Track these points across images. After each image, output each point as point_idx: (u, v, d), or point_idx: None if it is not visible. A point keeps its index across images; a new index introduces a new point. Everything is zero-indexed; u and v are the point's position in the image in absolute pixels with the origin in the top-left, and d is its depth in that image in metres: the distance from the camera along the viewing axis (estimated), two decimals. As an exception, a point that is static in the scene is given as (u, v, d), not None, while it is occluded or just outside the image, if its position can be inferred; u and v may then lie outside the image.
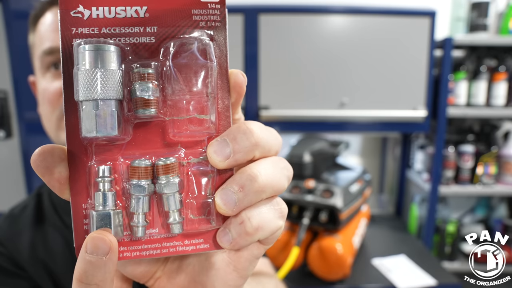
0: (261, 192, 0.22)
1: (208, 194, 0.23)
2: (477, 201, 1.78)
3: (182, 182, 0.22)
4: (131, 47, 0.22)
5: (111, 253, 0.20)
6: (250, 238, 0.22)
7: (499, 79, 1.47)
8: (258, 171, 0.22)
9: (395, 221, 1.71)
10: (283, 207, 0.24)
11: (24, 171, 1.21)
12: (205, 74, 0.22)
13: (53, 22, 0.58)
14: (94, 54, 0.20)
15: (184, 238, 0.23)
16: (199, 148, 0.23)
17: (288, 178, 0.24)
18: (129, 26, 0.22)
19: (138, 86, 0.21)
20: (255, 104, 1.39)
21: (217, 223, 0.23)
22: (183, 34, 0.22)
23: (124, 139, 0.22)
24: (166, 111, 0.22)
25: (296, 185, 1.16)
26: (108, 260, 0.20)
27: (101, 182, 0.21)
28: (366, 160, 1.86)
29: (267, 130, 0.24)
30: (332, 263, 1.05)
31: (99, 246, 0.20)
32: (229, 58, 0.24)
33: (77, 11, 0.21)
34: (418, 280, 1.12)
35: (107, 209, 0.21)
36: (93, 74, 0.20)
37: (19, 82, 1.16)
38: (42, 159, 0.20)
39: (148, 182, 0.22)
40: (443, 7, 1.60)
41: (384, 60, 1.39)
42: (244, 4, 1.34)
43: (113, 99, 0.21)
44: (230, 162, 0.22)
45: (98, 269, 0.20)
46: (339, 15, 1.36)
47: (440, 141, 1.45)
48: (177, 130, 0.22)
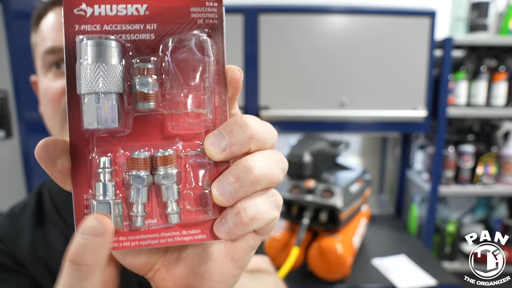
0: (256, 183, 0.23)
1: (205, 185, 0.23)
2: (477, 201, 1.78)
3: (180, 173, 0.23)
4: (132, 43, 0.22)
5: (106, 235, 0.20)
6: (246, 228, 0.23)
7: (499, 79, 1.47)
8: (254, 163, 0.23)
9: (395, 221, 1.71)
10: (278, 198, 0.25)
11: (24, 171, 1.21)
12: (202, 69, 0.23)
13: (55, 22, 0.59)
14: (96, 49, 0.21)
15: (182, 229, 0.23)
16: (196, 141, 0.24)
17: (283, 170, 0.25)
18: (129, 23, 0.22)
19: (138, 80, 0.22)
20: (255, 104, 1.39)
21: (214, 214, 0.23)
22: (181, 31, 0.23)
23: (124, 132, 0.23)
24: (165, 104, 0.23)
25: (296, 185, 1.16)
26: (102, 242, 0.20)
27: (101, 173, 0.22)
28: (366, 160, 1.86)
29: (262, 124, 0.24)
30: (332, 263, 1.05)
31: (95, 227, 0.20)
32: (229, 58, 0.24)
33: (80, 8, 0.22)
34: (418, 280, 1.12)
35: (107, 199, 0.22)
36: (95, 68, 0.21)
37: (19, 82, 1.16)
38: (45, 150, 0.21)
39: (147, 173, 0.22)
40: (443, 7, 1.60)
41: (384, 60, 1.39)
42: (244, 4, 1.34)
43: (114, 93, 0.21)
44: (226, 154, 0.22)
45: (92, 250, 0.20)
46: (339, 15, 1.36)
47: (440, 141, 1.45)
48: (175, 123, 0.23)
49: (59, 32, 0.58)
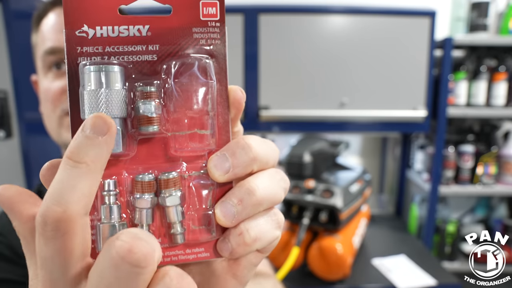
0: (259, 205, 0.23)
1: (209, 206, 0.24)
2: (477, 201, 1.78)
3: (183, 195, 0.23)
4: (134, 64, 0.23)
5: (109, 135, 0.20)
6: (248, 248, 0.23)
7: (499, 79, 1.47)
8: (256, 185, 0.23)
9: (395, 221, 1.71)
10: (280, 218, 0.25)
11: (24, 171, 1.21)
12: (205, 93, 0.23)
13: (56, 23, 0.59)
14: (99, 74, 0.21)
15: (185, 247, 0.24)
16: (200, 162, 0.24)
17: (284, 190, 0.25)
18: (132, 44, 0.22)
19: (141, 104, 0.22)
20: (255, 104, 1.39)
21: (217, 233, 0.24)
22: (183, 52, 0.23)
23: (129, 155, 0.23)
24: (169, 126, 0.23)
25: (296, 185, 1.16)
26: (104, 141, 0.20)
27: (106, 196, 0.22)
28: (366, 160, 1.86)
29: (264, 143, 0.24)
30: (332, 263, 1.05)
31: (98, 125, 0.19)
32: (229, 58, 0.24)
33: (82, 30, 0.22)
34: (418, 280, 1.12)
35: (112, 221, 0.22)
36: (98, 94, 0.21)
37: (19, 82, 1.16)
38: (50, 173, 0.21)
39: (151, 195, 0.22)
40: (443, 7, 1.60)
41: (384, 60, 1.39)
42: (244, 4, 1.34)
43: (117, 118, 0.22)
44: (229, 176, 0.23)
45: (92, 147, 0.19)
46: (339, 15, 1.36)
47: (440, 141, 1.45)
48: (178, 145, 0.23)
49: (59, 33, 0.58)
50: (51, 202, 0.18)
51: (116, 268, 0.17)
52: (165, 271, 0.19)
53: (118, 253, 0.17)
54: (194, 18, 0.23)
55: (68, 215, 0.18)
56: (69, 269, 0.19)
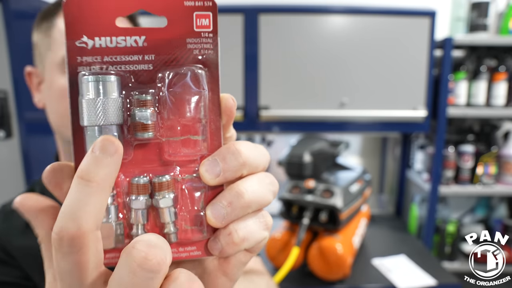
0: (247, 207, 0.24)
1: (201, 208, 0.25)
2: (477, 201, 1.78)
3: (176, 197, 0.25)
4: (131, 73, 0.24)
5: (117, 154, 0.21)
6: (237, 248, 0.24)
7: (499, 79, 1.47)
8: (245, 189, 0.24)
9: (395, 221, 1.71)
10: (268, 219, 0.26)
11: (24, 171, 1.21)
12: (197, 101, 0.25)
13: None
14: (97, 84, 0.22)
15: (178, 246, 0.25)
16: (192, 166, 0.25)
17: (273, 193, 0.27)
18: (129, 54, 0.24)
19: (137, 112, 0.24)
20: (255, 104, 1.39)
21: (208, 233, 0.25)
22: (178, 62, 0.25)
23: (126, 159, 0.24)
24: (163, 132, 0.25)
25: (296, 185, 1.16)
26: (113, 161, 0.21)
27: None
28: (366, 160, 1.86)
29: (255, 148, 0.26)
30: (332, 263, 1.05)
31: (107, 146, 0.21)
32: (229, 58, 0.25)
33: (81, 41, 0.23)
34: (418, 280, 1.12)
35: (110, 221, 0.23)
36: (96, 103, 0.22)
37: (19, 82, 1.16)
38: (52, 175, 0.23)
39: (146, 197, 0.24)
40: (443, 7, 1.60)
41: (384, 60, 1.39)
42: (244, 4, 1.34)
43: (114, 124, 0.23)
44: (220, 180, 0.24)
45: (102, 167, 0.21)
46: (339, 15, 1.36)
47: (440, 141, 1.45)
48: (172, 150, 0.25)
49: None
50: (65, 220, 0.20)
51: (134, 274, 0.19)
52: (176, 274, 0.22)
53: (135, 261, 0.19)
54: (188, 29, 0.24)
55: (82, 232, 0.20)
56: (86, 280, 0.21)
